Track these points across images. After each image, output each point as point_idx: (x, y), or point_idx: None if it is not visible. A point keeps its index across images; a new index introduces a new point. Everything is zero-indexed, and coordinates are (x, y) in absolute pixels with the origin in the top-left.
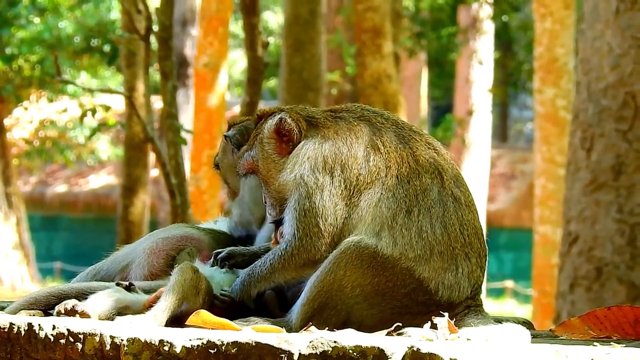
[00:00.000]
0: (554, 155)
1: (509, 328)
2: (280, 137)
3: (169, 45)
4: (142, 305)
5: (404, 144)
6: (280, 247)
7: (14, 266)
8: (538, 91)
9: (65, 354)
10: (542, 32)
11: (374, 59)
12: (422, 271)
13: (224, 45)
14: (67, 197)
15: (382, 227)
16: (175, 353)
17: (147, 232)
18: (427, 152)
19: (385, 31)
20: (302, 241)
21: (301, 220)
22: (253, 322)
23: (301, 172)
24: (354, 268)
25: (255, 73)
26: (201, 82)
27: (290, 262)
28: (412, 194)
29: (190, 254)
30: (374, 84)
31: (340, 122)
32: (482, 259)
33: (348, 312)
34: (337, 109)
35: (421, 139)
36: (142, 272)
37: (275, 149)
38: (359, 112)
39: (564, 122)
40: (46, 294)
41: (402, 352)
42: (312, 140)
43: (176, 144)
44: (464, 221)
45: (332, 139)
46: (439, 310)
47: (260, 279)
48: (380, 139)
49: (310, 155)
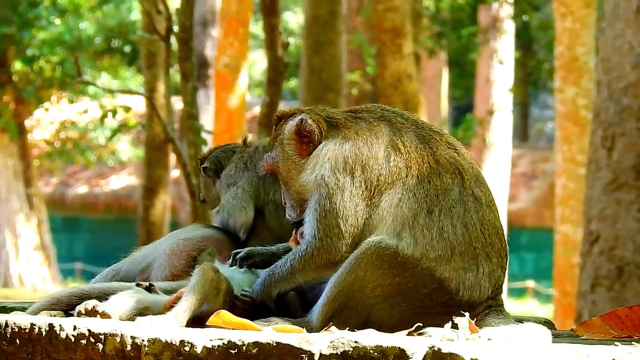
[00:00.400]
0: (575, 154)
1: (530, 328)
2: (301, 138)
3: (190, 46)
4: (163, 306)
5: (424, 144)
6: (301, 248)
7: (35, 267)
8: (559, 90)
9: (86, 354)
10: (562, 31)
11: (394, 59)
12: (443, 271)
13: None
14: (88, 198)
15: (403, 227)
16: (196, 353)
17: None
18: (448, 152)
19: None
20: (323, 242)
21: (321, 221)
22: (273, 322)
23: (322, 172)
24: (375, 268)
25: (275, 74)
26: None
27: (311, 263)
28: (433, 194)
29: (211, 254)
30: (394, 84)
31: (360, 123)
32: (503, 259)
33: (368, 313)
34: (357, 110)
35: (441, 139)
36: (163, 273)
37: (295, 150)
38: (378, 113)
39: (585, 121)
40: (68, 294)
41: (422, 352)
42: (333, 141)
43: (197, 145)
44: (484, 221)
45: (353, 139)
46: (459, 311)
47: (280, 280)
48: (400, 139)
49: (331, 156)
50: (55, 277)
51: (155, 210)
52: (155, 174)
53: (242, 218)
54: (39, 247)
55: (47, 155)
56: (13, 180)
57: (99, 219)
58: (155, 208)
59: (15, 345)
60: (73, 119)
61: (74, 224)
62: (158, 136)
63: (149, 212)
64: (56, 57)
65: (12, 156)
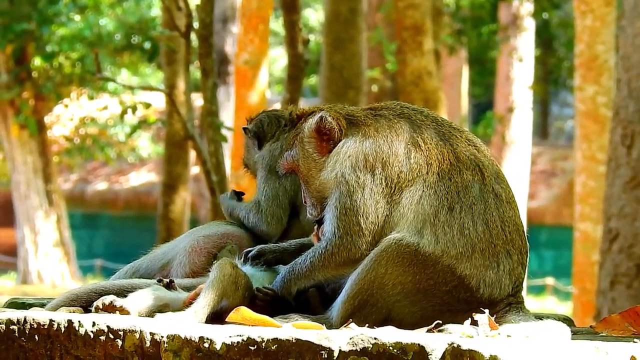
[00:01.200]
0: (595, 152)
1: (549, 325)
2: (321, 136)
3: (210, 42)
4: (182, 303)
5: (445, 141)
6: (321, 246)
7: (54, 264)
8: (578, 88)
9: (105, 350)
10: (582, 29)
11: (415, 56)
12: (464, 269)
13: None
14: (108, 194)
15: (424, 224)
16: (215, 350)
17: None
18: (468, 148)
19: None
20: (343, 239)
21: (342, 218)
22: (293, 318)
23: (342, 170)
24: (395, 266)
25: (295, 70)
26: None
27: (331, 260)
28: (454, 191)
29: (231, 251)
30: (414, 81)
31: (380, 120)
32: (523, 256)
33: (389, 310)
34: (377, 107)
35: (461, 136)
36: (184, 270)
37: (315, 148)
38: (398, 110)
39: (605, 119)
40: (87, 291)
41: (442, 348)
42: (353, 139)
43: (217, 142)
44: (505, 218)
45: (373, 136)
46: (480, 308)
47: (300, 277)
48: (420, 136)
49: (351, 154)
50: (75, 273)
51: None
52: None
53: (276, 229)
54: (58, 243)
55: (67, 152)
56: (32, 176)
57: (119, 216)
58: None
59: (34, 342)
60: (93, 115)
61: (94, 221)
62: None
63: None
64: (76, 53)
65: (32, 152)
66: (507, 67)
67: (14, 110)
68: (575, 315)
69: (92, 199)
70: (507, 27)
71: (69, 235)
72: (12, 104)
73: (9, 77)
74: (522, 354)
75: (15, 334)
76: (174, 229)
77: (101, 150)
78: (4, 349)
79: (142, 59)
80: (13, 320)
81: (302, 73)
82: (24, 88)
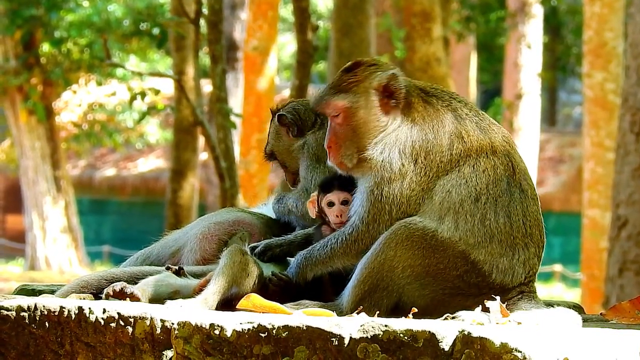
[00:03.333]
0: (603, 139)
1: (560, 312)
2: (385, 92)
3: (219, 28)
4: (193, 290)
5: (484, 134)
6: (345, 232)
7: (62, 250)
8: (587, 75)
9: (115, 337)
10: (591, 15)
11: (423, 42)
12: (478, 255)
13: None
14: (116, 180)
15: (448, 211)
16: (226, 337)
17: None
18: (503, 144)
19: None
20: (370, 226)
21: (375, 204)
22: (304, 305)
23: (391, 155)
24: (404, 249)
25: (304, 56)
26: (250, 66)
27: (353, 247)
28: (484, 183)
29: (242, 238)
30: (423, 67)
31: (428, 109)
32: (540, 250)
33: (400, 294)
34: (427, 91)
35: (498, 131)
36: (195, 257)
37: (379, 101)
38: (446, 100)
39: (613, 106)
40: (98, 278)
41: (453, 336)
42: (405, 124)
43: (225, 128)
44: (527, 212)
45: (421, 124)
46: (491, 293)
47: (317, 263)
48: (464, 129)
49: (401, 139)
50: (83, 259)
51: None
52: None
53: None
54: (66, 229)
55: (75, 138)
56: (40, 162)
57: (127, 202)
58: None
59: (44, 329)
60: (101, 101)
61: (102, 207)
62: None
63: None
64: (84, 39)
65: (40, 138)
66: (515, 53)
67: (22, 96)
68: (583, 302)
69: (100, 185)
70: (515, 13)
71: (76, 221)
72: (20, 90)
73: (17, 63)
74: (533, 341)
75: (25, 321)
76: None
77: (109, 136)
78: (14, 336)
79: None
80: (24, 307)
81: (311, 59)
82: (32, 74)
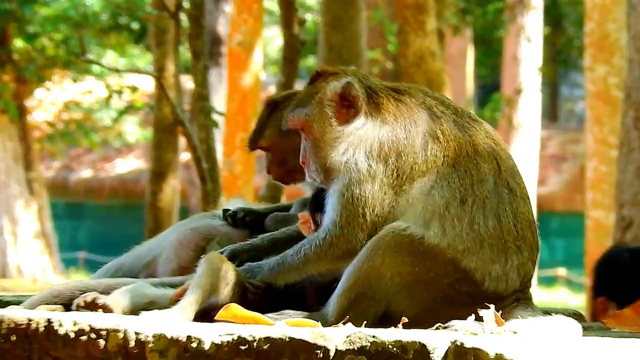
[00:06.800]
0: (607, 135)
1: (558, 321)
2: (343, 102)
3: (200, 23)
4: (169, 300)
5: (463, 132)
6: (318, 236)
7: (35, 256)
8: (589, 69)
9: (86, 351)
10: (592, 7)
11: (417, 36)
12: (469, 262)
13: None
14: (92, 182)
15: (432, 215)
16: (204, 350)
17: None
18: (486, 141)
19: (429, 7)
20: (344, 230)
21: (347, 207)
22: (287, 315)
23: (355, 156)
24: (393, 256)
25: (291, 52)
26: (235, 62)
27: (328, 253)
28: (468, 184)
29: (220, 243)
30: (417, 62)
31: (400, 106)
32: (534, 252)
33: (388, 302)
34: (400, 90)
35: (480, 128)
36: (171, 266)
37: (335, 113)
38: (420, 98)
39: (617, 100)
40: (70, 288)
41: (444, 347)
42: (371, 122)
43: (208, 127)
44: (518, 213)
45: (391, 124)
46: (484, 302)
47: (290, 269)
48: (439, 128)
49: (367, 139)
50: (57, 266)
51: (164, 196)
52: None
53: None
54: (40, 234)
55: (49, 138)
56: (12, 164)
57: (104, 205)
58: (163, 193)
59: (11, 342)
60: (77, 99)
61: (77, 211)
62: (167, 118)
63: (157, 197)
64: (59, 34)
65: (12, 138)
66: (514, 47)
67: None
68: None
69: (76, 188)
70: (514, 5)
71: (50, 226)
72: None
73: None
74: (529, 352)
75: None
76: (162, 218)
77: (85, 135)
78: None
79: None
80: None
81: (298, 55)
82: (4, 71)
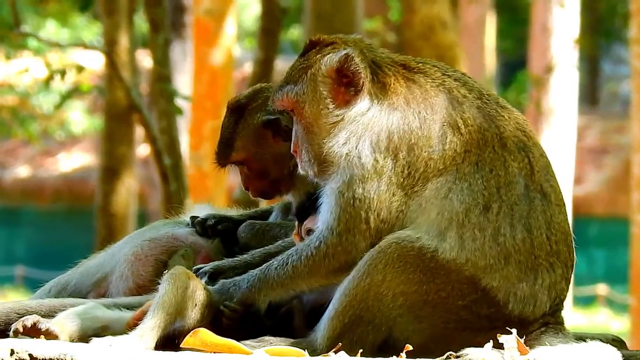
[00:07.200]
0: None
1: (593, 348)
2: (341, 79)
3: None
4: (125, 325)
5: (489, 122)
6: (310, 245)
7: None
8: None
9: None
10: None
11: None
12: (490, 280)
13: None
14: (31, 182)
15: (449, 224)
16: None
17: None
18: (516, 133)
19: None
20: (342, 238)
21: (347, 210)
22: (267, 342)
23: (359, 147)
24: (396, 272)
25: (270, 21)
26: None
27: (322, 265)
28: (494, 186)
29: (185, 256)
30: (425, 33)
31: (413, 89)
32: (568, 270)
33: (389, 327)
34: (412, 67)
35: (510, 117)
36: (126, 285)
37: (330, 91)
38: (438, 78)
39: None
40: (7, 310)
41: None
42: (377, 107)
43: (170, 114)
44: (552, 223)
45: (402, 109)
46: (506, 327)
47: (274, 286)
48: (461, 115)
49: (373, 128)
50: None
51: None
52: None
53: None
54: None
55: None
56: None
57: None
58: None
59: None
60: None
61: (13, 217)
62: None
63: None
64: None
65: None
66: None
67: None
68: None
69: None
70: None
71: None
72: None
73: None
74: None
75: None
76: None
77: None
78: None
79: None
80: None
81: (278, 25)
82: None
